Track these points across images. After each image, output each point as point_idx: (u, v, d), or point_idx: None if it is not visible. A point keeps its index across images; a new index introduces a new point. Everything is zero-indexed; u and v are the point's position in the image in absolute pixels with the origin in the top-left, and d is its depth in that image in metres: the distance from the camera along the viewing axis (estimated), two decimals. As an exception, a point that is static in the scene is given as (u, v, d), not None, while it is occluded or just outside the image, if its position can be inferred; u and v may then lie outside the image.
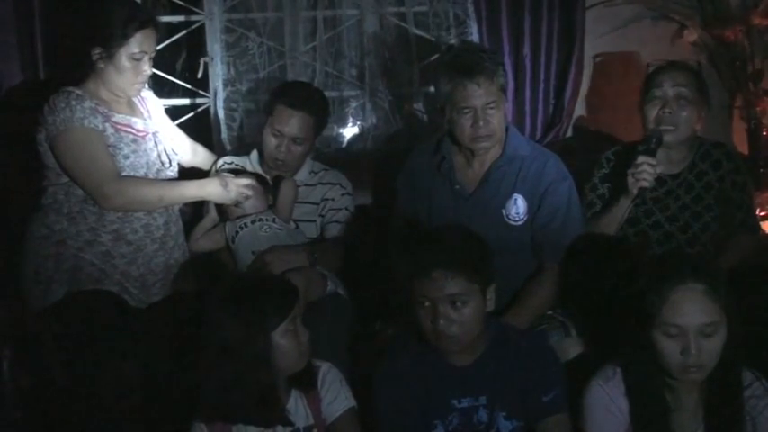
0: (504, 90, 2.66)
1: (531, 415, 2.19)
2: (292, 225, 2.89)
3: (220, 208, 2.90)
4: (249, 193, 2.80)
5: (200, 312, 2.23)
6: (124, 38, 2.68)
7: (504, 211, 2.68)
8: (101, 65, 2.71)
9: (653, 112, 2.70)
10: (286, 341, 2.08)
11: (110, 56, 2.69)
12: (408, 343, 2.29)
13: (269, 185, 2.93)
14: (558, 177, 2.69)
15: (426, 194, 2.78)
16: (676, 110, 2.69)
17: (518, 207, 2.67)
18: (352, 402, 2.21)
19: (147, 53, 2.74)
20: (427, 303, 2.14)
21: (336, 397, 2.19)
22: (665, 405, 2.08)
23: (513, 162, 2.70)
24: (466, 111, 2.61)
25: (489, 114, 2.61)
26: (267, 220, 2.83)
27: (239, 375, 2.05)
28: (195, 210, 3.01)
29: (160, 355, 2.52)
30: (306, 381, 2.18)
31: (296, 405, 2.16)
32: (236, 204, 2.82)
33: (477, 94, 2.59)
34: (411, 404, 2.21)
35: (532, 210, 2.67)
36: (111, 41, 2.68)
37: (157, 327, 2.62)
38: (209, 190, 2.82)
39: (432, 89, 3.58)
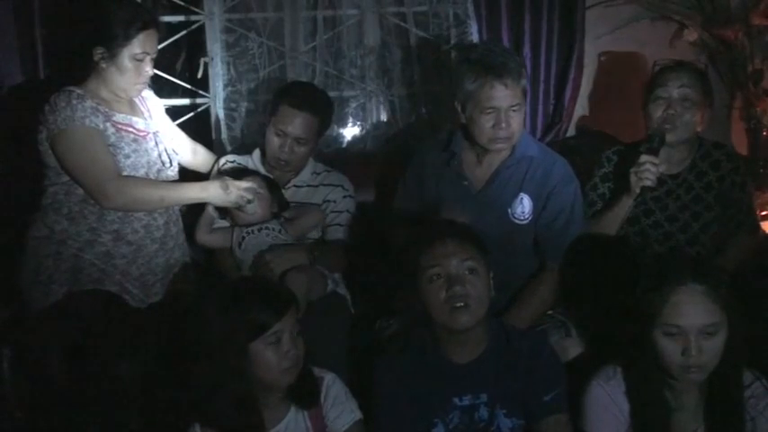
0: (525, 93, 2.65)
1: (532, 414, 2.19)
2: None
3: (226, 211, 2.89)
4: (250, 196, 2.79)
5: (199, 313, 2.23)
6: (127, 38, 2.68)
7: (510, 210, 2.68)
8: (103, 65, 2.71)
9: (657, 112, 2.70)
10: (267, 353, 2.06)
11: (112, 56, 2.69)
12: (409, 341, 2.30)
13: (277, 188, 2.91)
14: (565, 180, 2.70)
15: (434, 189, 2.77)
16: (680, 111, 2.68)
17: (524, 206, 2.68)
18: (358, 415, 2.20)
19: (148, 54, 2.74)
20: (440, 275, 2.15)
21: (342, 411, 2.18)
22: (666, 405, 2.08)
23: (521, 162, 2.69)
24: (490, 111, 2.59)
25: (511, 116, 2.59)
26: (273, 229, 2.81)
27: (216, 381, 2.04)
28: (195, 211, 3.01)
29: (160, 355, 2.52)
30: (306, 398, 2.15)
31: (296, 419, 2.15)
32: (238, 207, 2.81)
33: (504, 94, 2.57)
34: (411, 402, 2.21)
35: (537, 209, 2.67)
36: (114, 42, 2.68)
37: (157, 327, 2.62)
38: (210, 192, 2.81)
39: (431, 89, 3.59)
